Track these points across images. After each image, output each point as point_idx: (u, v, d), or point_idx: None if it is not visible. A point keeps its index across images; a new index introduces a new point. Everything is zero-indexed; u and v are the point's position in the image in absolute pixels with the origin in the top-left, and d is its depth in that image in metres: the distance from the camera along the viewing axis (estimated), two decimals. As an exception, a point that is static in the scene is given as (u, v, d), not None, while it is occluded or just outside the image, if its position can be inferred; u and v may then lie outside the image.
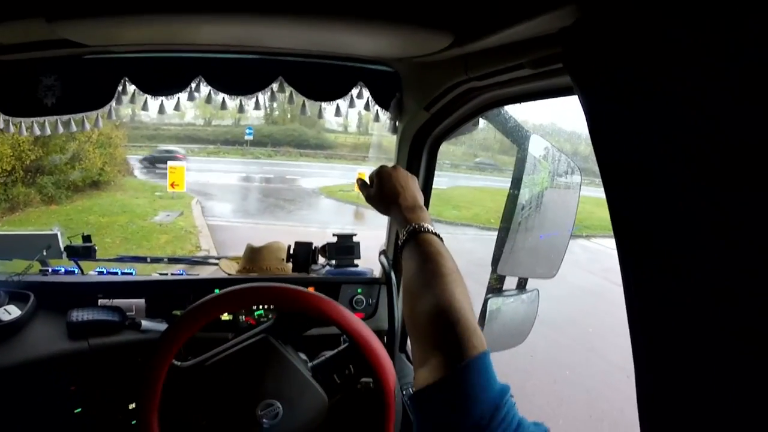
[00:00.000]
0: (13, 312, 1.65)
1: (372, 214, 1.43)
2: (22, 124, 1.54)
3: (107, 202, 10.53)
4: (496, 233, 1.52)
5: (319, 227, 9.81)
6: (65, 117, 1.55)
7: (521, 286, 1.66)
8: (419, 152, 1.58)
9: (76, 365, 1.60)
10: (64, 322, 1.65)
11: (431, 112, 1.44)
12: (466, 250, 9.35)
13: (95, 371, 1.62)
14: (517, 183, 1.50)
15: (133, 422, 1.71)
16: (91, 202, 10.27)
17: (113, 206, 10.25)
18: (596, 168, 0.53)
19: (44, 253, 1.92)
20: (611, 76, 0.52)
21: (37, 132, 1.54)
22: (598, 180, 0.52)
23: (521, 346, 1.68)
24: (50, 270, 1.93)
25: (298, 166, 17.09)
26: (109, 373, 1.63)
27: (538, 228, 1.55)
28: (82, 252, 1.94)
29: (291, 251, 1.80)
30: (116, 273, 1.89)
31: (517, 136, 1.51)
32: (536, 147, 1.50)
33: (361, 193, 1.09)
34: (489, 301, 1.59)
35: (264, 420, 1.04)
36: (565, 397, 4.92)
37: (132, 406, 1.70)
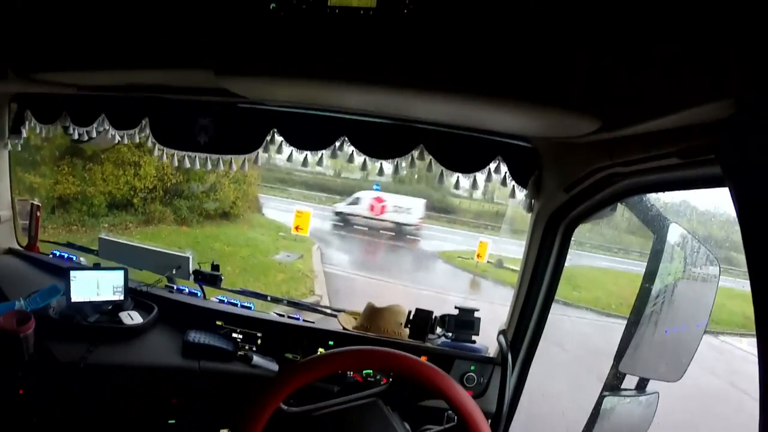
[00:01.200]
0: (136, 318, 1.83)
1: (487, 285, 1.40)
2: (175, 156, 1.72)
3: (234, 233, 11.04)
4: (614, 320, 1.43)
5: (434, 291, 9.72)
6: (215, 156, 1.70)
7: (641, 386, 1.53)
8: (553, 233, 1.54)
9: (183, 381, 1.73)
10: (180, 338, 1.80)
11: (571, 194, 1.41)
12: (582, 335, 8.81)
13: (198, 391, 1.73)
14: (651, 276, 1.42)
15: None
16: (219, 231, 10.82)
17: (238, 238, 10.73)
18: (731, 255, 0.51)
19: (174, 272, 2.11)
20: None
21: (187, 165, 1.72)
22: (733, 269, 0.50)
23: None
24: (175, 288, 2.11)
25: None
26: (211, 396, 1.73)
27: (669, 323, 1.44)
28: (209, 278, 2.10)
29: (410, 317, 1.80)
30: (236, 304, 2.01)
31: (656, 225, 1.43)
32: (675, 236, 1.41)
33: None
34: (605, 399, 1.50)
35: None
36: None
37: (224, 431, 1.79)
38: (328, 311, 2.19)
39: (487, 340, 1.82)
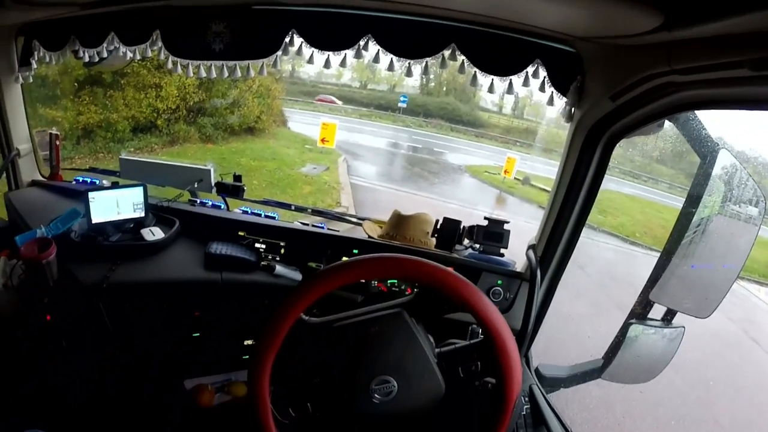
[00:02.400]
0: (157, 234, 1.80)
1: (513, 201, 1.32)
2: (190, 66, 1.62)
3: (259, 147, 11.03)
4: (637, 248, 1.36)
5: (459, 205, 9.65)
6: (231, 63, 1.60)
7: (667, 319, 1.50)
8: (593, 146, 1.42)
9: (206, 294, 1.71)
10: (202, 251, 1.77)
11: (617, 103, 1.27)
12: (604, 260, 8.80)
13: (221, 303, 1.71)
14: (694, 201, 1.33)
15: (245, 357, 1.83)
16: (245, 146, 10.81)
17: (264, 152, 10.75)
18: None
19: (195, 186, 2.06)
20: None
21: (203, 74, 1.61)
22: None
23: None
24: (198, 201, 2.07)
25: (447, 140, 17.03)
26: (235, 307, 1.72)
27: (704, 259, 1.37)
28: (231, 190, 2.06)
29: (438, 226, 1.74)
30: (259, 215, 1.97)
31: (704, 148, 1.32)
32: (723, 163, 1.31)
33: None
34: (631, 327, 1.47)
35: (376, 395, 0.98)
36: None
37: (248, 342, 1.80)
38: (354, 220, 2.14)
39: (512, 256, 1.77)
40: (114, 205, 1.81)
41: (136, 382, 1.82)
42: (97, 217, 1.79)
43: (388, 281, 1.70)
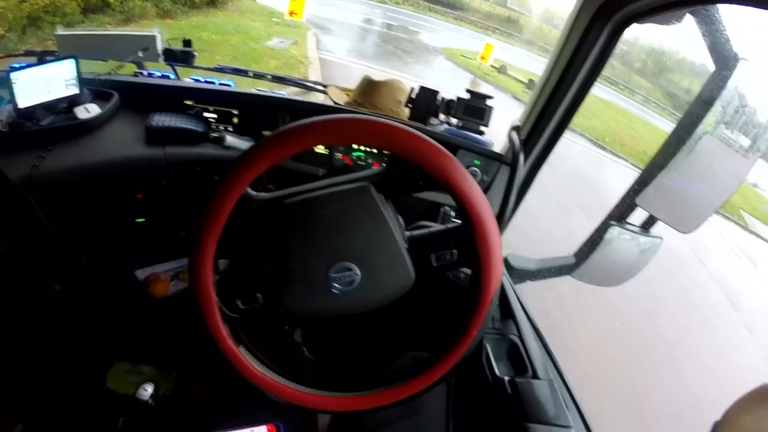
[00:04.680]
0: (92, 110, 1.56)
1: (487, 89, 1.18)
2: None
3: (223, 21, 10.46)
4: (605, 153, 1.26)
5: (432, 85, 9.64)
6: None
7: (647, 226, 1.45)
8: (599, 28, 1.25)
9: (148, 173, 1.53)
10: (144, 126, 1.56)
11: None
12: (572, 160, 8.90)
13: (166, 182, 1.54)
14: (697, 113, 1.23)
15: None
16: (207, 20, 10.21)
17: (228, 26, 10.17)
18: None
19: (140, 55, 1.79)
20: None
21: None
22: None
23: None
24: (145, 73, 1.82)
25: (424, 20, 16.46)
26: (181, 187, 1.54)
27: (696, 176, 1.31)
28: (180, 57, 1.82)
29: (413, 95, 1.58)
30: (213, 83, 1.75)
31: (722, 54, 1.18)
32: (740, 79, 1.18)
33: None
34: (610, 228, 1.41)
35: (335, 284, 0.85)
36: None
37: None
38: (318, 87, 1.92)
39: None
40: (43, 84, 1.54)
41: (81, 278, 1.69)
42: (24, 101, 1.52)
43: (354, 154, 1.55)
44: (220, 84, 1.74)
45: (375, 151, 1.51)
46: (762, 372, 6.15)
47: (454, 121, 1.58)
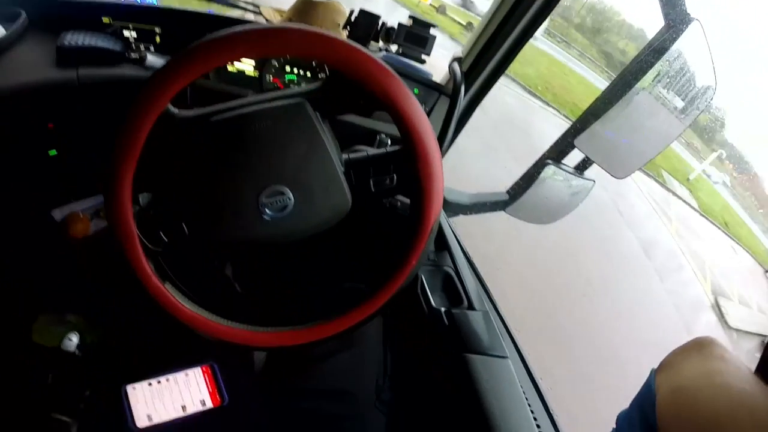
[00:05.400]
0: None
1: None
2: None
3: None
4: (535, 100, 1.26)
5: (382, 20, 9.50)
6: None
7: (581, 168, 1.47)
8: None
9: (60, 99, 1.37)
10: (55, 46, 1.37)
11: None
12: (503, 104, 8.99)
13: (81, 108, 1.38)
14: (641, 66, 1.23)
15: None
16: None
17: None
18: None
19: None
20: None
21: None
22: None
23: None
24: None
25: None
26: (98, 112, 1.38)
27: (631, 130, 1.33)
28: None
29: (352, 18, 1.50)
30: (135, 1, 1.58)
31: (675, 10, 1.17)
32: (690, 41, 1.18)
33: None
34: (546, 167, 1.42)
35: (267, 210, 0.79)
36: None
37: None
38: (250, 7, 1.76)
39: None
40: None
41: None
42: None
43: (287, 77, 1.45)
44: (143, 1, 1.58)
45: (309, 74, 1.44)
46: (670, 314, 6.66)
47: (394, 48, 1.52)
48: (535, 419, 1.00)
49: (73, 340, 1.39)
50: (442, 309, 1.16)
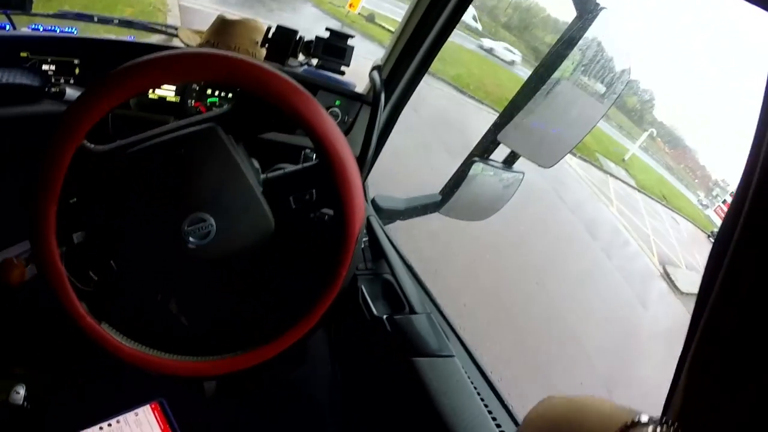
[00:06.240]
0: None
1: (356, 38, 1.18)
2: None
3: (73, -35, 9.36)
4: (468, 99, 1.29)
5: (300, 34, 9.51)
6: None
7: (509, 162, 1.51)
8: None
9: None
10: None
11: None
12: (437, 106, 9.16)
13: (4, 148, 1.36)
14: (557, 57, 1.27)
15: None
16: None
17: (78, -26, 9.14)
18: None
19: None
20: None
21: None
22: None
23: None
24: None
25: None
26: (21, 150, 1.35)
27: (553, 118, 1.37)
28: (15, 3, 1.56)
29: (270, 35, 1.51)
30: (53, 31, 1.54)
31: (584, 2, 1.23)
32: (601, 28, 1.23)
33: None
34: (473, 165, 1.45)
35: (191, 238, 0.79)
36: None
37: None
38: (168, 30, 1.77)
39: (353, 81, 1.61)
40: None
41: None
42: None
43: (209, 100, 1.43)
44: (62, 32, 1.54)
45: (231, 96, 1.43)
46: (623, 288, 6.89)
47: (314, 61, 1.53)
48: (490, 412, 1.01)
49: (20, 392, 1.34)
50: (384, 316, 1.17)
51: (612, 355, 5.29)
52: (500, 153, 1.49)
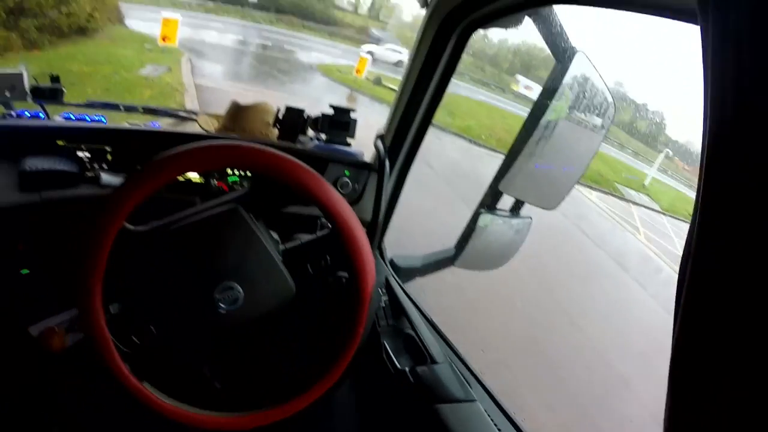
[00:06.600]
0: None
1: (364, 100, 1.25)
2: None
3: (93, 50, 9.87)
4: (481, 149, 1.35)
5: (310, 102, 9.67)
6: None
7: (515, 209, 1.56)
8: (447, 35, 1.35)
9: (26, 221, 1.44)
10: (16, 171, 1.47)
11: None
12: (450, 159, 9.26)
13: (46, 229, 1.45)
14: (545, 101, 1.33)
15: None
16: (76, 49, 9.59)
17: (98, 55, 9.62)
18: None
19: (7, 95, 1.69)
20: None
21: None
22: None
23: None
24: (14, 114, 1.71)
25: (298, 38, 16.49)
26: (62, 231, 1.47)
27: (552, 158, 1.42)
28: (49, 94, 1.72)
29: (279, 116, 1.62)
30: (84, 120, 1.68)
31: (560, 49, 1.31)
32: (579, 68, 1.31)
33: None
34: (480, 216, 1.50)
35: (221, 305, 0.90)
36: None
37: None
38: (188, 116, 1.92)
39: (361, 149, 1.68)
40: None
41: None
42: None
43: (230, 179, 1.55)
44: (92, 120, 1.68)
45: (250, 174, 1.54)
46: (663, 316, 6.69)
47: (323, 136, 1.64)
48: None
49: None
50: (407, 368, 1.22)
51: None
52: (507, 200, 1.53)
